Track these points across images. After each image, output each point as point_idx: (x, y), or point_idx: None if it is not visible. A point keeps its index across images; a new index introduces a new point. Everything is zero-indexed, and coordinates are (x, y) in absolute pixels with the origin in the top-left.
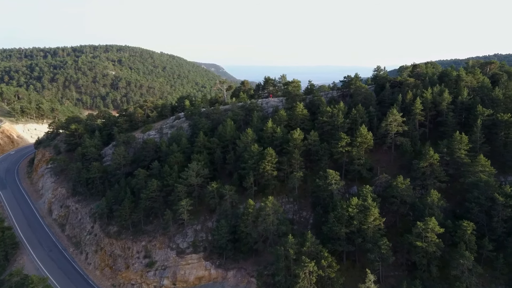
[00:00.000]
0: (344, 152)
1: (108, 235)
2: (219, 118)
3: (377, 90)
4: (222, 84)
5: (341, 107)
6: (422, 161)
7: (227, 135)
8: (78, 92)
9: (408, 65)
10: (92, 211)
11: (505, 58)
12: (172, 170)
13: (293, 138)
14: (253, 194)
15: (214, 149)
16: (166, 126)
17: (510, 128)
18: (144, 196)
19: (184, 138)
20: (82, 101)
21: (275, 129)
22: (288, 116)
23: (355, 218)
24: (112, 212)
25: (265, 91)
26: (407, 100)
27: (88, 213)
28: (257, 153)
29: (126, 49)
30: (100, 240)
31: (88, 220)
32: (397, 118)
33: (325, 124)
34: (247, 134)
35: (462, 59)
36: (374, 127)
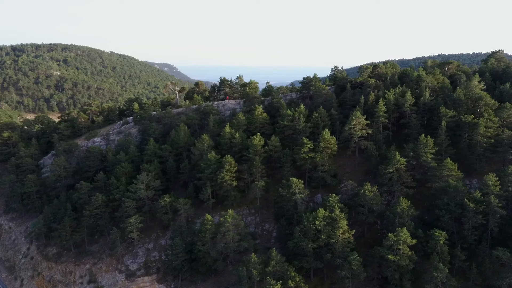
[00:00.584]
0: (307, 158)
1: (46, 258)
2: (171, 122)
3: (337, 91)
4: (174, 85)
5: (302, 110)
6: (389, 166)
7: (181, 141)
8: (19, 94)
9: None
10: (28, 231)
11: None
12: (119, 182)
13: (253, 144)
14: (211, 207)
15: (166, 157)
16: (113, 132)
17: (474, 130)
18: (87, 213)
19: (132, 145)
20: (23, 104)
21: (234, 135)
22: (247, 120)
23: (322, 231)
24: (51, 231)
25: (221, 92)
26: (370, 102)
27: (24, 232)
28: (214, 162)
29: (72, 48)
30: (37, 264)
31: (24, 241)
32: (360, 121)
33: (286, 128)
34: (203, 140)
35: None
36: (336, 131)
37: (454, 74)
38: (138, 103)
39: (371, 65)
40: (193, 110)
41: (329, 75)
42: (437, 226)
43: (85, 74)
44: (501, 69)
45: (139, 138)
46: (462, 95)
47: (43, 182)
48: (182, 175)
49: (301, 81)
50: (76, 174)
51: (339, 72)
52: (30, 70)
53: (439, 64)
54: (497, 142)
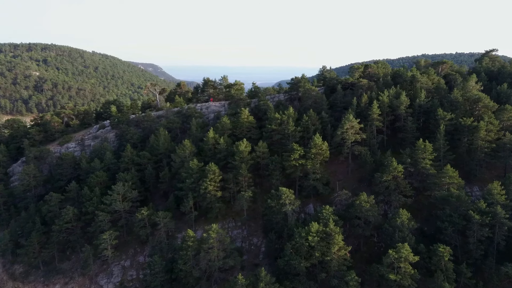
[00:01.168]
0: (297, 165)
1: (12, 277)
2: (151, 126)
3: (326, 92)
4: (153, 86)
5: (290, 113)
6: (385, 174)
7: (160, 147)
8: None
9: (358, 64)
10: None
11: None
12: (93, 193)
13: (239, 151)
14: (193, 219)
15: (144, 165)
16: (88, 136)
17: (474, 134)
18: (57, 228)
19: (108, 151)
20: (0, 105)
21: (218, 140)
22: (232, 124)
23: (316, 248)
24: (19, 247)
25: (204, 94)
26: (362, 104)
27: None
28: (196, 170)
29: (52, 47)
30: (2, 284)
31: None
32: (354, 124)
33: (274, 133)
34: (184, 146)
35: (394, 59)
36: (328, 135)
37: (449, 74)
38: (115, 106)
39: (362, 65)
40: (175, 113)
41: (316, 75)
42: (439, 239)
43: (65, 75)
44: (496, 69)
45: (117, 144)
46: (460, 97)
47: (11, 192)
48: (162, 185)
49: (289, 81)
50: (48, 183)
51: (327, 72)
52: (8, 70)
53: (432, 64)
54: (498, 146)
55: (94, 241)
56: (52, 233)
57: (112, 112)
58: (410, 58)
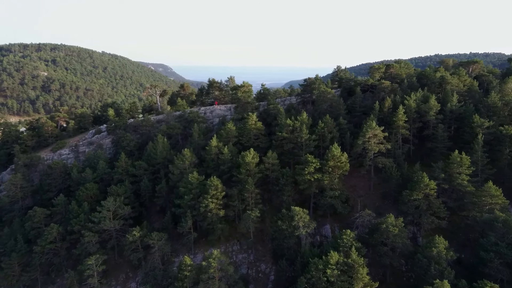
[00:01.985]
0: (312, 180)
1: None
2: (149, 132)
3: (343, 95)
4: (153, 88)
5: (304, 118)
6: (415, 191)
7: (158, 156)
8: (3, 96)
9: (378, 64)
10: None
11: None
12: (81, 209)
13: (245, 162)
14: (192, 241)
15: (140, 176)
16: (83, 142)
17: None
18: (39, 249)
19: (102, 160)
20: (7, 106)
21: (222, 149)
22: (238, 130)
23: (336, 284)
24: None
25: (209, 96)
26: (385, 109)
27: None
28: (196, 185)
29: (62, 48)
30: None
31: None
32: (377, 133)
33: (285, 141)
34: (183, 156)
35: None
36: (346, 145)
37: (481, 75)
38: (114, 108)
39: (383, 65)
40: (176, 117)
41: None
42: (483, 273)
43: (74, 75)
44: None
45: (113, 151)
46: (498, 101)
47: None
48: (159, 199)
49: (301, 83)
50: (37, 194)
51: (342, 72)
52: (16, 70)
53: (460, 64)
54: None
55: (78, 267)
56: (34, 255)
57: (109, 116)
58: (423, 59)
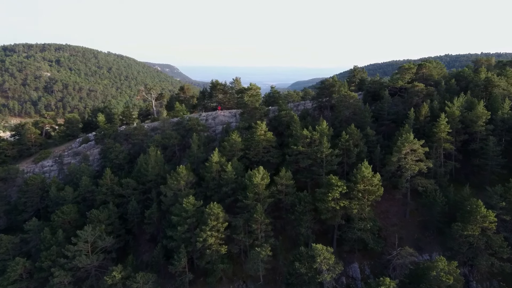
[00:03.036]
0: (338, 209)
1: None
2: (142, 142)
3: (366, 99)
4: (148, 91)
5: (324, 128)
6: (470, 225)
7: (150, 172)
8: (4, 96)
9: (407, 62)
10: None
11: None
12: (55, 238)
13: (253, 184)
14: (187, 283)
15: (128, 196)
16: (69, 152)
17: None
18: None
19: (86, 176)
20: (8, 107)
21: (225, 165)
22: (245, 142)
23: None
24: None
25: (212, 100)
26: (421, 117)
27: None
28: (193, 212)
29: (66, 48)
30: None
31: None
32: (416, 148)
33: (301, 157)
34: (178, 174)
35: (415, 59)
36: (376, 161)
37: None
38: (105, 114)
39: (414, 64)
40: (173, 124)
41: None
42: None
43: (78, 75)
44: None
45: (101, 163)
46: None
47: None
48: (149, 226)
49: (311, 84)
50: (11, 214)
51: (359, 73)
52: (18, 71)
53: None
54: None
55: None
56: None
57: (98, 122)
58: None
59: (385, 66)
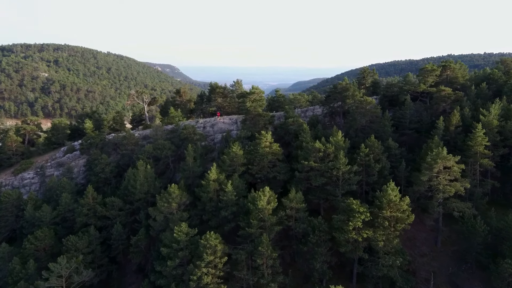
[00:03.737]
0: (360, 241)
1: None
2: (132, 152)
3: (382, 105)
4: (139, 94)
5: (339, 140)
6: None
7: (138, 190)
8: (0, 98)
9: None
10: None
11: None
12: (25, 269)
13: (257, 209)
14: None
15: (113, 218)
16: (52, 163)
17: None
18: None
19: (67, 192)
20: (4, 108)
21: (224, 184)
22: (247, 154)
23: None
24: None
25: (211, 104)
26: (452, 127)
27: None
28: (185, 242)
29: (65, 48)
30: None
31: None
32: (450, 164)
33: (313, 174)
34: (169, 195)
35: (417, 60)
36: (400, 179)
37: None
38: (93, 119)
39: (438, 66)
40: (167, 132)
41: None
42: None
43: (76, 76)
44: None
45: (87, 175)
46: None
47: None
48: (135, 256)
49: (321, 86)
50: None
51: (369, 74)
52: (15, 71)
53: None
54: None
55: None
56: None
57: (85, 130)
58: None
59: (387, 67)
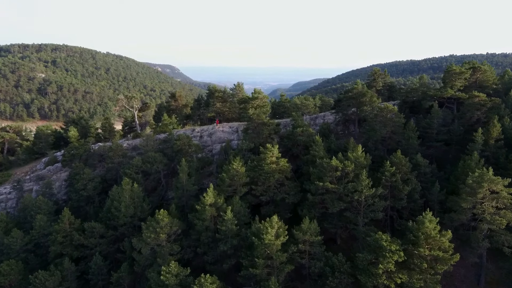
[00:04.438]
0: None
1: None
2: (119, 166)
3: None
4: (129, 99)
5: (360, 156)
6: None
7: (122, 214)
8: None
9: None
10: None
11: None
12: None
13: (264, 244)
14: None
15: (94, 248)
16: (31, 176)
17: None
18: None
19: (43, 213)
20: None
21: (222, 210)
22: (250, 172)
23: None
24: None
25: (209, 109)
26: (491, 141)
27: None
28: (175, 287)
29: (63, 48)
30: None
31: None
32: (499, 189)
33: (328, 197)
34: (157, 224)
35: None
36: (433, 203)
37: None
38: (80, 126)
39: (468, 68)
40: (159, 143)
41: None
42: None
43: (74, 76)
44: None
45: (68, 192)
46: None
47: None
48: None
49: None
50: None
51: (380, 76)
52: (11, 72)
53: None
54: None
55: None
56: None
57: (70, 138)
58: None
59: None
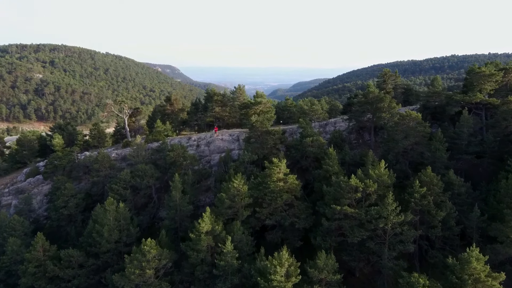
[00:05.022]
0: None
1: None
2: (105, 179)
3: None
4: (118, 105)
5: (383, 174)
6: None
7: (105, 239)
8: None
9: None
10: None
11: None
12: None
13: (270, 286)
14: None
15: (71, 280)
16: (10, 189)
17: None
18: None
19: (16, 236)
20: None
21: (220, 239)
22: (254, 191)
23: None
24: None
25: (208, 114)
26: None
27: None
28: None
29: (62, 48)
30: None
31: None
32: None
33: (347, 223)
34: (143, 256)
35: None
36: (472, 231)
37: None
38: (66, 133)
39: (498, 70)
40: (151, 152)
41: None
42: None
43: (72, 77)
44: None
45: (48, 209)
46: None
47: None
48: None
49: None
50: None
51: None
52: (8, 72)
53: None
54: None
55: None
56: None
57: (54, 147)
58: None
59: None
